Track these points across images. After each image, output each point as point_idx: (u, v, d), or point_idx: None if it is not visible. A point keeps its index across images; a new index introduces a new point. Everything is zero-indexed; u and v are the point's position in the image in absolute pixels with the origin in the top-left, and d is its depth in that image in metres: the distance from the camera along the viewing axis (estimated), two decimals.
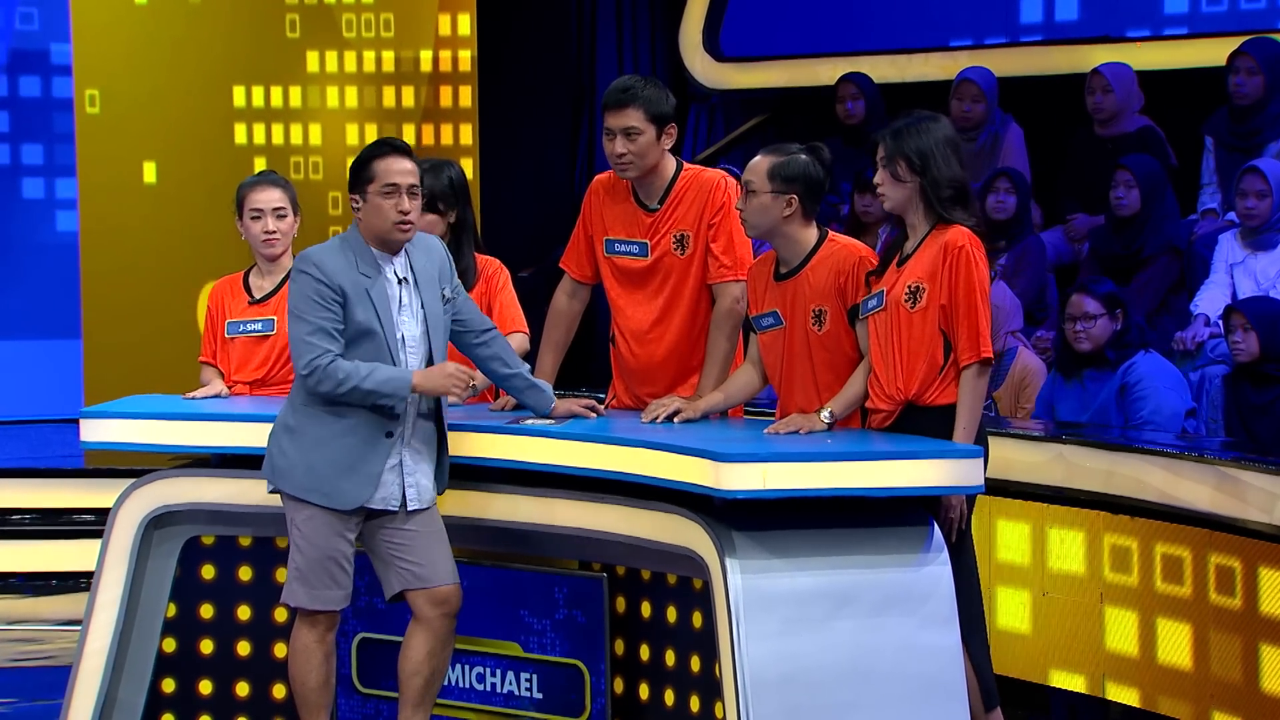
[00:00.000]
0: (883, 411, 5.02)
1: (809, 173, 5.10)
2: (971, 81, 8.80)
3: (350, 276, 4.95)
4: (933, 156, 4.97)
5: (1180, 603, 5.80)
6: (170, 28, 10.15)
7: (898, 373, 4.98)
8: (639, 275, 5.47)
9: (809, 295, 5.12)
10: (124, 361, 9.96)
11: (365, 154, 5.02)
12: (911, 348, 4.96)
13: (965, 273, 4.92)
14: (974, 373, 4.92)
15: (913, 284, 4.96)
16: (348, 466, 4.97)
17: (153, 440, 5.56)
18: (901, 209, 5.04)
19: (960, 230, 4.96)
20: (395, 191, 4.97)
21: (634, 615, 5.16)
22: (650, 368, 5.49)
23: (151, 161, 10.23)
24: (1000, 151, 8.71)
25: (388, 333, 4.96)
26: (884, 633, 4.71)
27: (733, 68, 10.51)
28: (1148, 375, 6.74)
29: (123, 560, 5.56)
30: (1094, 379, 6.84)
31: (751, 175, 5.12)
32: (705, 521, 4.75)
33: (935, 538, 4.81)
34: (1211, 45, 8.90)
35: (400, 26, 10.27)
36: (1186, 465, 5.83)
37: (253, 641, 5.63)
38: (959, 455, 4.77)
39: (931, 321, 4.94)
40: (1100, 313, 6.80)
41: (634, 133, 5.31)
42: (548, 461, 5.10)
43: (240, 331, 5.86)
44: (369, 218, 4.99)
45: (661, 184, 5.43)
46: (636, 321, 5.49)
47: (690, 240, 5.39)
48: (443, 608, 5.03)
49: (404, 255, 5.06)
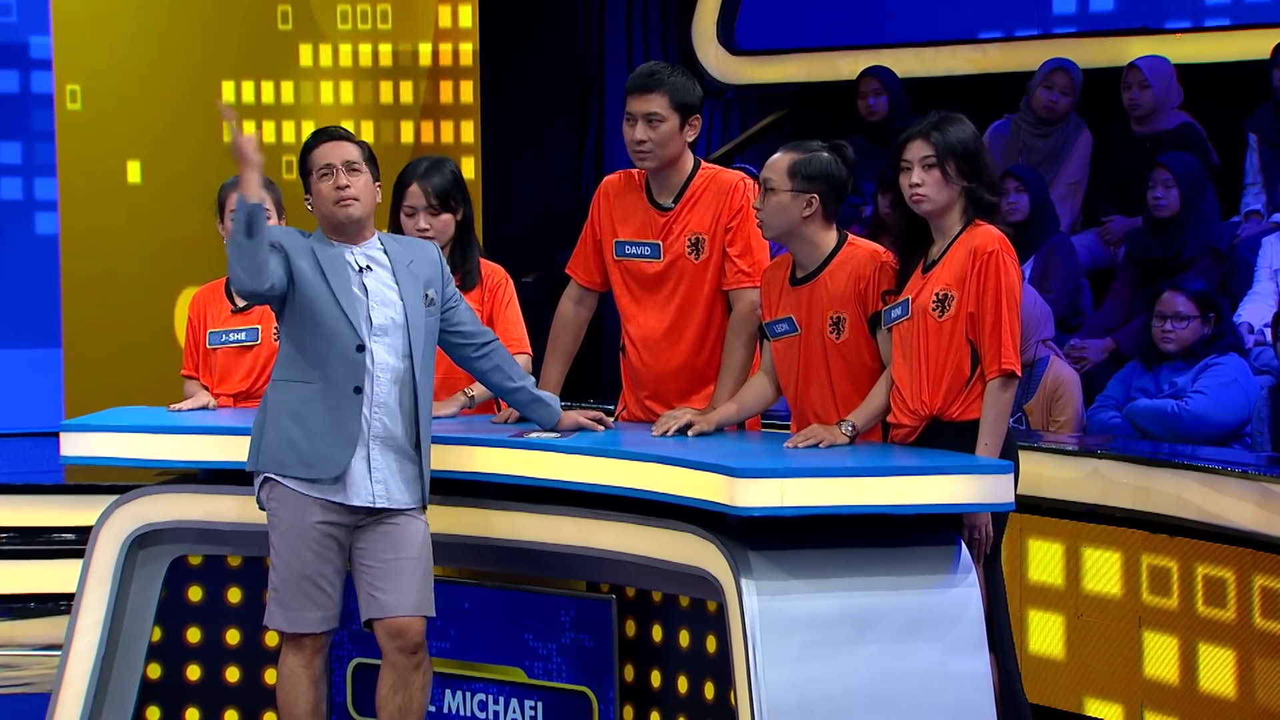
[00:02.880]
0: (906, 427, 5.01)
1: (831, 171, 5.10)
2: (1065, 71, 8.76)
3: (300, 243, 5.02)
4: (980, 158, 4.97)
5: (1223, 627, 5.79)
6: (156, 20, 10.17)
7: (922, 386, 4.97)
8: (651, 280, 5.47)
9: (826, 301, 5.12)
10: (107, 372, 9.96)
11: (303, 148, 5.15)
12: (938, 359, 4.95)
13: (995, 279, 4.90)
14: (998, 386, 4.91)
15: (940, 291, 4.94)
16: (324, 430, 4.96)
17: (137, 455, 5.57)
18: (941, 213, 5.00)
19: (990, 233, 4.94)
20: (330, 171, 5.06)
21: (644, 639, 5.16)
22: (662, 378, 5.49)
23: (136, 161, 10.24)
24: (1066, 157, 8.68)
25: (337, 289, 4.96)
26: (909, 658, 4.71)
27: (748, 61, 10.53)
28: (1230, 365, 6.77)
29: (105, 581, 5.56)
30: (1175, 369, 6.87)
31: (771, 173, 5.12)
32: (720, 540, 4.75)
33: (963, 558, 4.81)
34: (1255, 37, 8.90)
35: (398, 18, 10.28)
36: (1229, 481, 5.82)
37: (242, 667, 5.63)
38: (988, 471, 4.76)
39: (960, 331, 4.93)
40: (1193, 314, 6.83)
41: (656, 119, 5.34)
42: (553, 477, 5.10)
43: (223, 342, 5.88)
44: (317, 208, 5.09)
45: (678, 181, 5.44)
46: (648, 329, 5.49)
47: (705, 244, 5.40)
48: (397, 640, 4.98)
49: (376, 246, 5.07)
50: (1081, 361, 7.65)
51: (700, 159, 5.51)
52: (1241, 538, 5.74)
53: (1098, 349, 7.74)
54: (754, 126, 10.44)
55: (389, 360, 5.00)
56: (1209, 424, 6.75)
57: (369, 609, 5.02)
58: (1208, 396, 6.76)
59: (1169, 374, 6.92)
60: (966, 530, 4.91)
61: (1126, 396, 7.04)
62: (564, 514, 5.13)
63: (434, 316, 5.10)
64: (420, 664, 5.01)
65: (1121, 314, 7.90)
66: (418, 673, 5.01)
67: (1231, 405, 6.79)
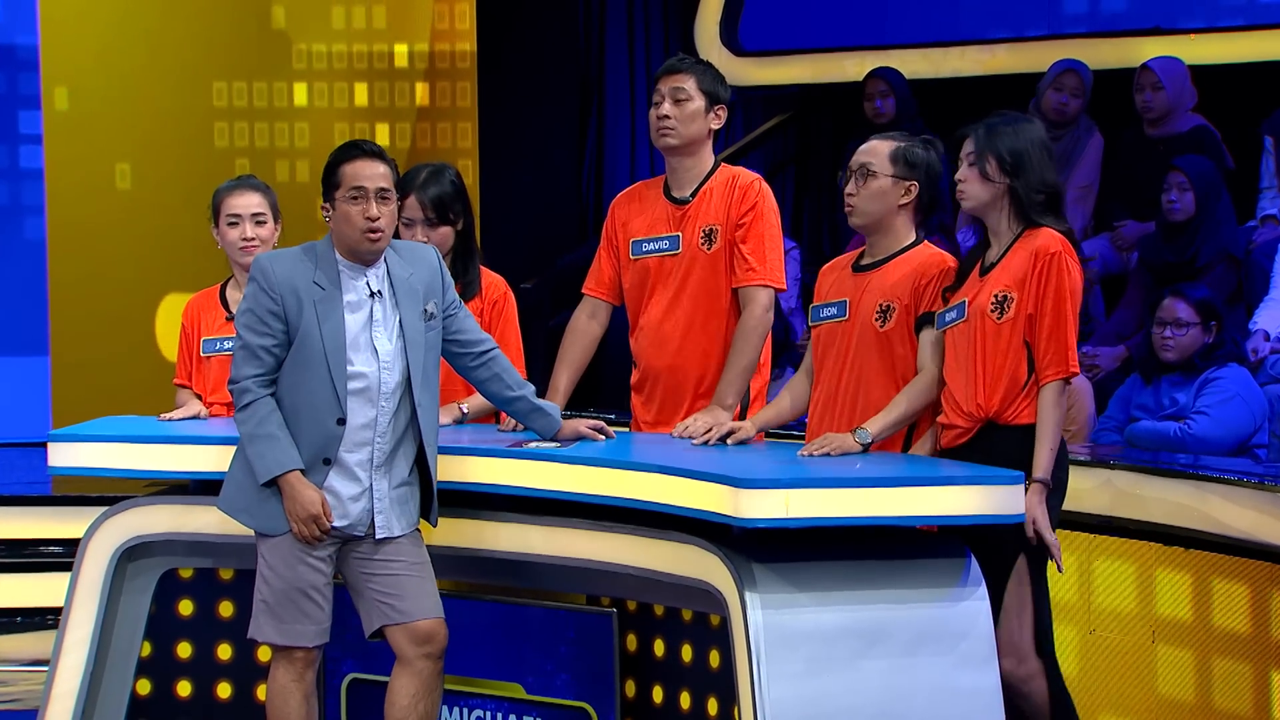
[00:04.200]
0: (958, 428, 5.04)
1: (932, 163, 5.20)
2: (1075, 73, 8.77)
3: (302, 285, 4.97)
4: (1027, 157, 5.02)
5: (1240, 642, 5.79)
6: (145, 19, 10.18)
7: (979, 388, 5.00)
8: (667, 272, 5.53)
9: (880, 288, 5.17)
10: (95, 380, 9.98)
11: (333, 158, 5.06)
12: (995, 361, 4.99)
13: (1057, 281, 4.94)
14: (1056, 390, 4.95)
15: (999, 293, 4.99)
16: (273, 491, 4.97)
17: (126, 465, 5.56)
18: (984, 211, 5.07)
19: (1052, 234, 4.99)
20: (362, 196, 4.99)
21: (646, 654, 5.15)
22: (668, 374, 5.51)
23: (125, 164, 10.25)
24: (1077, 160, 8.69)
25: (330, 349, 4.94)
26: (917, 673, 4.70)
27: (752, 62, 10.52)
28: (1230, 378, 6.77)
29: (94, 595, 5.56)
30: (1175, 384, 6.87)
31: (870, 157, 5.19)
32: (723, 552, 4.75)
33: (972, 570, 4.81)
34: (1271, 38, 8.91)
35: (394, 18, 10.30)
36: (1245, 492, 5.82)
37: (234, 683, 5.63)
38: (997, 481, 4.76)
39: (1018, 333, 4.97)
40: (1193, 321, 6.83)
41: (683, 96, 5.48)
42: (553, 487, 5.09)
43: (217, 349, 5.88)
44: (338, 226, 5.02)
45: (698, 173, 5.54)
46: (657, 321, 5.54)
47: (718, 235, 5.48)
48: (425, 646, 5.02)
49: (383, 266, 5.06)
50: (1094, 370, 7.64)
51: (721, 161, 5.61)
52: (1258, 550, 5.73)
53: (1110, 357, 7.74)
54: (758, 129, 10.44)
55: (393, 388, 5.01)
56: (1213, 445, 6.75)
57: (382, 617, 5.02)
58: (1210, 416, 6.75)
59: (1169, 389, 6.90)
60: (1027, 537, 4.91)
61: (1127, 417, 7.03)
62: (564, 526, 5.13)
63: (434, 330, 5.10)
64: (441, 670, 5.05)
65: (1134, 321, 7.90)
66: (440, 679, 5.05)
67: (1235, 421, 6.78)
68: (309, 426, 4.96)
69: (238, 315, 5.03)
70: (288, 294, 4.95)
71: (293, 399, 4.96)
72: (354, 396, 4.97)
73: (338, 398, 4.95)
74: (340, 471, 4.99)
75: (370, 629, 5.07)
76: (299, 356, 4.96)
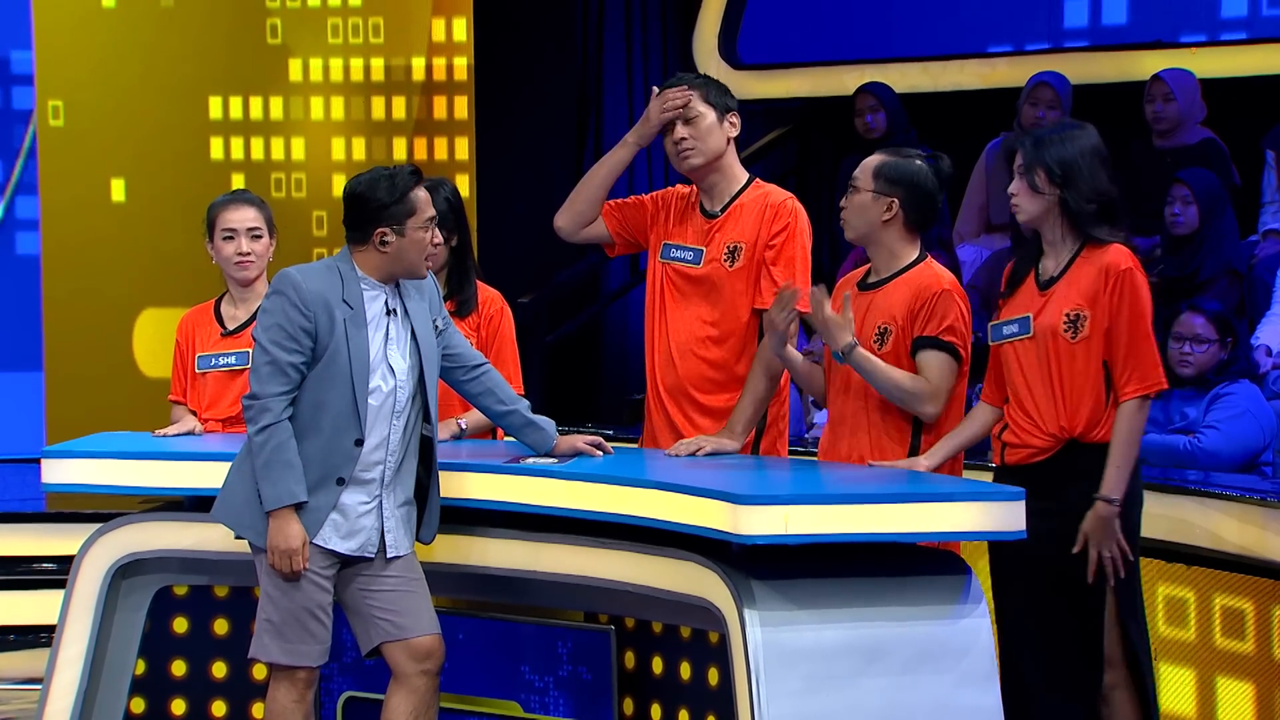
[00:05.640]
0: (1034, 448, 5.05)
1: (918, 179, 5.18)
2: (1048, 85, 8.80)
3: (334, 301, 4.96)
4: (1077, 168, 5.04)
5: (1242, 659, 5.78)
6: (140, 33, 10.18)
7: (1060, 408, 5.01)
8: (689, 284, 5.53)
9: (880, 310, 5.18)
10: (89, 396, 9.96)
11: (403, 185, 5.00)
12: (1075, 381, 5.00)
13: (1132, 297, 4.97)
14: (1135, 406, 4.97)
15: (1071, 311, 5.00)
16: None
17: (120, 482, 5.56)
18: (1037, 223, 5.09)
19: (1121, 250, 5.01)
20: (430, 225, 5.03)
21: (644, 672, 5.15)
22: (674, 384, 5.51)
23: (120, 178, 10.25)
24: None
25: (356, 368, 4.94)
26: (917, 691, 4.70)
27: (751, 76, 10.54)
28: (1241, 394, 6.77)
29: (87, 613, 5.55)
30: (1185, 399, 6.87)
31: (859, 172, 5.24)
32: (722, 569, 4.74)
33: (973, 588, 4.80)
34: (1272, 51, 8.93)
35: (391, 32, 10.30)
36: (1247, 509, 5.82)
37: (229, 701, 5.62)
38: (998, 498, 4.75)
39: (1096, 352, 4.99)
40: (1212, 337, 6.85)
41: (693, 115, 5.48)
42: (550, 504, 5.09)
43: (212, 366, 5.87)
44: (403, 252, 5.00)
45: (729, 189, 5.54)
46: (680, 333, 5.53)
47: (741, 253, 5.46)
48: (424, 663, 5.02)
49: (395, 285, 5.07)
50: None
51: (756, 177, 5.59)
52: (1261, 567, 5.73)
53: None
54: (757, 143, 10.45)
55: (404, 405, 5.02)
56: (1223, 459, 6.75)
57: (382, 634, 5.02)
58: (1220, 431, 6.76)
59: (1179, 404, 6.92)
60: (1096, 554, 4.94)
61: None
62: (561, 542, 5.12)
63: (442, 345, 5.13)
64: (438, 687, 5.04)
65: None
66: (437, 696, 5.05)
67: (1245, 437, 6.79)
68: (325, 445, 4.94)
69: (263, 329, 4.95)
70: (320, 310, 4.93)
71: (313, 416, 4.94)
72: (369, 414, 4.97)
73: (359, 418, 4.94)
74: (356, 489, 4.99)
75: (368, 647, 5.06)
76: (324, 374, 4.94)
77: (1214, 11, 10.00)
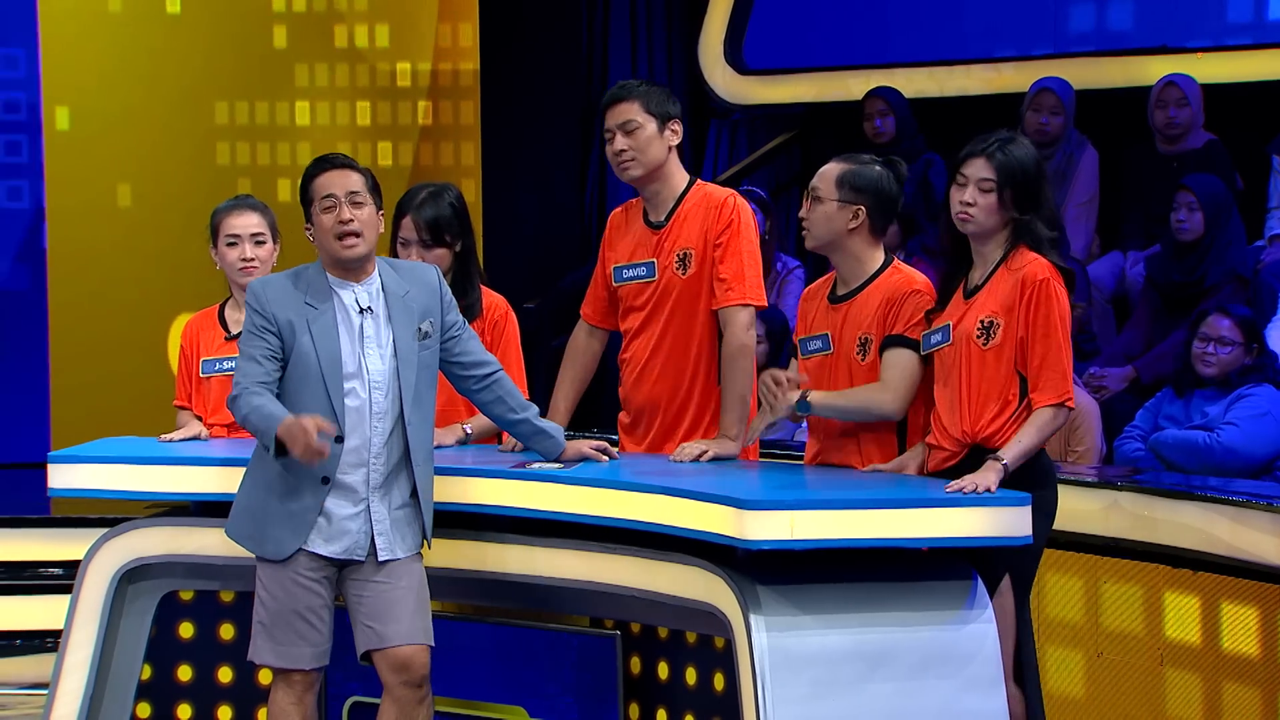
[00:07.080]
0: (946, 451, 5.04)
1: (881, 186, 5.15)
2: (1050, 91, 8.79)
3: (294, 307, 5.00)
4: (1044, 193, 5.02)
5: (1249, 665, 5.78)
6: (146, 39, 10.19)
7: (964, 413, 4.99)
8: (645, 300, 5.49)
9: (858, 321, 5.16)
10: (95, 401, 9.97)
11: (304, 175, 5.10)
12: (982, 388, 4.98)
13: (1046, 307, 4.93)
14: (1050, 414, 4.92)
15: (985, 319, 4.98)
16: (281, 511, 4.98)
17: (126, 487, 5.56)
18: (986, 237, 5.05)
19: (1040, 261, 4.97)
20: (334, 204, 5.01)
21: (650, 677, 5.15)
22: (644, 404, 5.49)
23: (126, 183, 10.26)
24: (1073, 176, 8.70)
25: (326, 368, 4.96)
26: (923, 696, 4.70)
27: (757, 81, 10.54)
28: (1263, 396, 6.78)
29: (94, 618, 5.56)
30: (1207, 398, 6.88)
31: (819, 182, 5.19)
32: (728, 574, 4.74)
33: (979, 593, 4.80)
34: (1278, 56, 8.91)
35: (397, 37, 10.31)
36: (1255, 514, 5.81)
37: (234, 706, 5.62)
38: (1003, 503, 4.76)
39: (1007, 360, 4.96)
40: (1236, 340, 6.86)
41: (632, 126, 5.41)
42: (556, 509, 5.09)
43: (216, 370, 5.88)
44: (318, 239, 5.06)
45: (670, 196, 5.48)
46: (637, 351, 5.51)
47: (692, 259, 5.42)
48: (402, 674, 4.99)
49: (376, 282, 5.07)
50: (1101, 390, 7.64)
51: (697, 178, 5.54)
52: (1267, 573, 5.72)
53: (1117, 378, 7.74)
54: (763, 148, 10.45)
55: (386, 408, 5.01)
56: (1241, 457, 6.75)
57: (366, 641, 5.02)
58: (1240, 429, 6.76)
59: (1200, 402, 6.93)
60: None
61: (1154, 427, 7.04)
62: (567, 547, 5.13)
63: (429, 350, 5.09)
64: (424, 698, 5.02)
65: (1142, 341, 7.90)
66: (421, 707, 5.02)
67: (1265, 438, 6.79)
68: None
69: (239, 340, 5.06)
70: (279, 313, 4.98)
71: None
72: (347, 415, 4.97)
73: (335, 417, 4.96)
74: (338, 493, 4.99)
75: (359, 652, 5.06)
76: (297, 375, 4.97)
77: (1219, 16, 9.99)
